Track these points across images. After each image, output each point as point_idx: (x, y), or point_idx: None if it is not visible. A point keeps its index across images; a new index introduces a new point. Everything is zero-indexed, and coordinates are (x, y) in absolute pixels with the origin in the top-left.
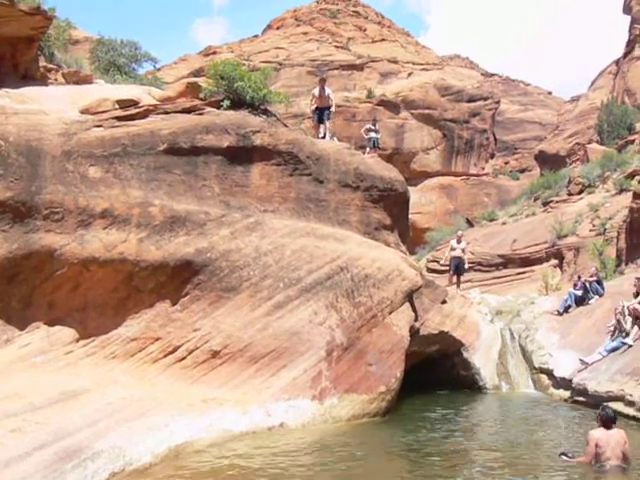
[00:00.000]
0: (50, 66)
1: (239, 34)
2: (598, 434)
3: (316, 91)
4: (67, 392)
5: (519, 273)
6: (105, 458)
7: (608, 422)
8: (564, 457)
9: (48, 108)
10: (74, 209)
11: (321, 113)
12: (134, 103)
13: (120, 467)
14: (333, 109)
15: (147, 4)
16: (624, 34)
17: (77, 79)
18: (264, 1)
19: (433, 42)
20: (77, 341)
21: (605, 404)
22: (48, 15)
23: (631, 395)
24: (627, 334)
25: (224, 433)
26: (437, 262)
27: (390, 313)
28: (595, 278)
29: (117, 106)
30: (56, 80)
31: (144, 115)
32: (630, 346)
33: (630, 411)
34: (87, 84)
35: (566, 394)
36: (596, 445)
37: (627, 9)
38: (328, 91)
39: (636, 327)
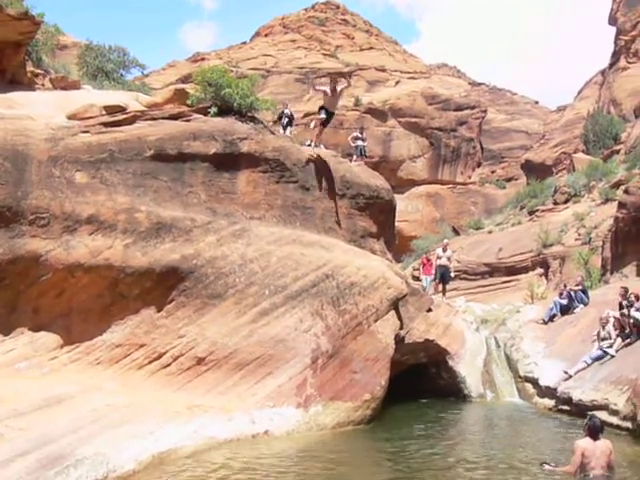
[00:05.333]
0: (38, 71)
1: (229, 39)
2: (585, 444)
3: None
4: (51, 398)
5: (505, 282)
6: (88, 465)
7: (595, 432)
8: (546, 466)
9: (35, 113)
10: (60, 214)
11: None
12: (121, 109)
13: (103, 474)
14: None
15: (137, 6)
16: (610, 45)
17: (65, 84)
18: (255, 6)
19: (424, 49)
20: (61, 347)
21: (592, 414)
22: (36, 20)
23: (615, 404)
24: (610, 344)
25: (208, 440)
26: None
27: (375, 321)
28: (580, 287)
29: (104, 112)
30: (43, 85)
31: (131, 121)
32: (612, 356)
33: (614, 420)
34: (74, 90)
35: (551, 403)
36: (582, 455)
37: (612, 20)
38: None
39: (620, 338)
